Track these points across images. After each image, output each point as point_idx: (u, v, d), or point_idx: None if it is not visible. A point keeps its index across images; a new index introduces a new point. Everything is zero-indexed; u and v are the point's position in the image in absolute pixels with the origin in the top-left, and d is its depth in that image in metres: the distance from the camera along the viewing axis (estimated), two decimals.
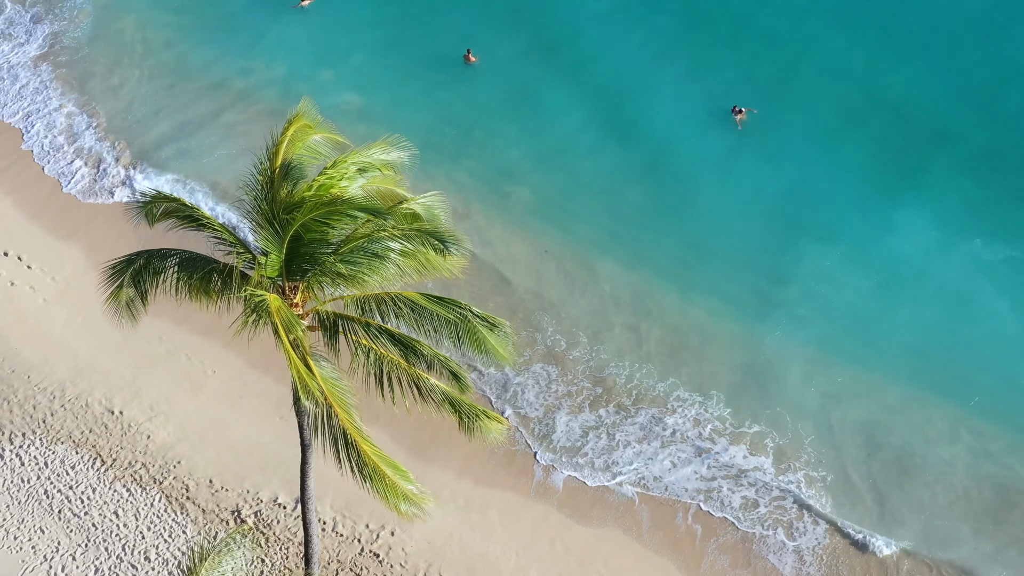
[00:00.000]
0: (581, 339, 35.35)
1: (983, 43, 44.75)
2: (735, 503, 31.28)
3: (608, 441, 32.75)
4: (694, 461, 32.21)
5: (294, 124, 21.20)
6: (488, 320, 20.22)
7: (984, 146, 40.77)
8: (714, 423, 33.09)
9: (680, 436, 32.84)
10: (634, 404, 33.61)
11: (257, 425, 33.05)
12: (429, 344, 20.60)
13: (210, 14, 48.06)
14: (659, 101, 43.19)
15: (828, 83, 43.48)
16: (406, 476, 20.14)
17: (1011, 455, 32.29)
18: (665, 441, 32.74)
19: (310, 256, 19.59)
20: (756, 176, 40.44)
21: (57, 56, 46.58)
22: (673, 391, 33.92)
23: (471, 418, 20.87)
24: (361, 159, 20.81)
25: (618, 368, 34.53)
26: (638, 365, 34.61)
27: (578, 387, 34.13)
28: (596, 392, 33.96)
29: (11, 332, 35.22)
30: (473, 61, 44.00)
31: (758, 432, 32.88)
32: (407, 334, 20.54)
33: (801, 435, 32.77)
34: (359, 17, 47.47)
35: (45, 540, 29.97)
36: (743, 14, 46.65)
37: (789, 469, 32.01)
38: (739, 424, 33.12)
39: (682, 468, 32.06)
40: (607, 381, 34.20)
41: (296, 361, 18.84)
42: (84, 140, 42.80)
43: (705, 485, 31.72)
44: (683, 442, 32.68)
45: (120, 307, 20.79)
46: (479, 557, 29.95)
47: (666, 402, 33.60)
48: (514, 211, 39.62)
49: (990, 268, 36.84)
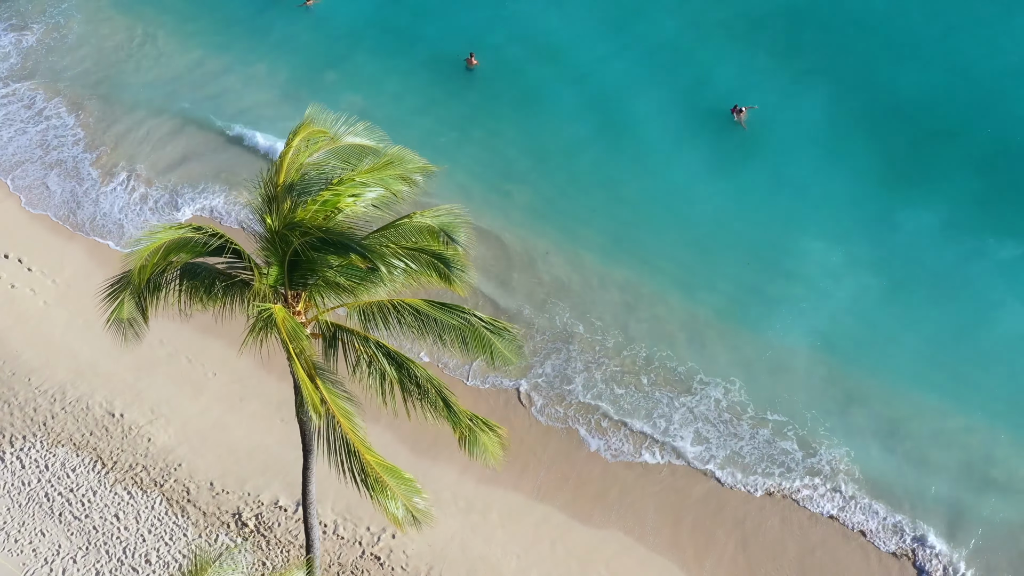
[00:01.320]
0: (583, 338, 35.47)
1: (987, 39, 44.79)
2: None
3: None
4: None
5: (299, 134, 20.74)
6: (494, 324, 20.11)
7: (995, 143, 40.75)
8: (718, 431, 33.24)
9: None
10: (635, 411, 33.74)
11: (258, 428, 33.05)
12: (433, 346, 20.45)
13: (214, 15, 48.11)
14: (659, 103, 43.21)
15: (833, 80, 43.51)
16: (411, 486, 20.07)
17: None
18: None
19: (310, 269, 19.47)
20: (761, 173, 40.47)
21: (58, 56, 46.58)
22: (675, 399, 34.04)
23: (469, 432, 20.66)
24: (371, 179, 20.18)
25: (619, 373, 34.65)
26: (640, 369, 34.70)
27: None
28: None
29: (12, 335, 35.21)
30: (475, 64, 44.03)
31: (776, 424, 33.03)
32: (402, 352, 20.37)
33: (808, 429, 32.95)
34: (363, 19, 47.53)
35: (46, 543, 29.97)
36: (743, 14, 46.65)
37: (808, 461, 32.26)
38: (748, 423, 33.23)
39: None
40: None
41: (304, 378, 18.69)
42: (85, 144, 42.80)
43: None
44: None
45: (123, 325, 20.48)
46: (480, 560, 29.95)
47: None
48: (514, 210, 39.63)
49: (1003, 266, 36.94)
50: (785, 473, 32.03)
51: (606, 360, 34.86)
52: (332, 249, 18.80)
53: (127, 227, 39.33)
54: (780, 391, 33.95)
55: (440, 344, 20.21)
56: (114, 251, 38.30)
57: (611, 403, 33.81)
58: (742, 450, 32.57)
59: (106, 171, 41.60)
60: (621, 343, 35.30)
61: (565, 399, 33.90)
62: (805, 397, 33.80)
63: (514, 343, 20.36)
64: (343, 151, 21.38)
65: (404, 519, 20.18)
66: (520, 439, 32.75)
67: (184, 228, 19.85)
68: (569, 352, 35.05)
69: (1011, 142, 40.76)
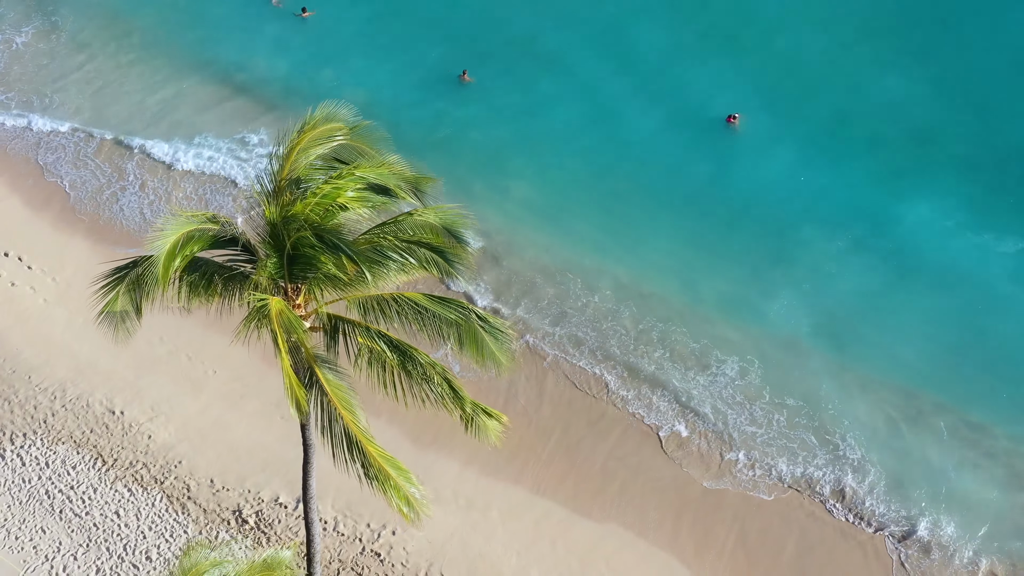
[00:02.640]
0: (585, 337, 35.57)
1: (987, 39, 44.97)
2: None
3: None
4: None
5: (307, 132, 20.47)
6: (490, 322, 20.10)
7: (992, 140, 40.98)
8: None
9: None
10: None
11: (258, 425, 33.07)
12: (433, 343, 20.50)
13: (207, 26, 48.15)
14: (658, 104, 43.45)
15: (830, 83, 43.69)
16: (409, 478, 20.08)
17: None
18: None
19: (309, 262, 19.47)
20: (755, 174, 40.64)
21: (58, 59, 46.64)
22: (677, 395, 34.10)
23: (471, 415, 20.73)
24: (370, 175, 20.08)
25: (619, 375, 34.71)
26: (641, 373, 34.79)
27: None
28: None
29: (12, 333, 35.23)
30: (468, 81, 44.32)
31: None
32: (405, 340, 20.37)
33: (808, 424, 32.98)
34: (357, 31, 47.64)
35: (46, 540, 29.98)
36: (743, 16, 46.81)
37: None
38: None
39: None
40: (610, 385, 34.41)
41: (289, 371, 18.69)
42: (91, 143, 42.95)
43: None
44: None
45: (116, 319, 20.37)
46: (480, 557, 29.97)
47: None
48: (515, 209, 39.70)
49: (1003, 260, 37.11)
50: (785, 471, 32.06)
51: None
52: (323, 249, 18.78)
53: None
54: (778, 389, 34.03)
55: (439, 338, 20.21)
56: (113, 250, 38.30)
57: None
58: (741, 449, 32.63)
59: (118, 167, 41.88)
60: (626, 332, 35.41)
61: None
62: (804, 394, 33.89)
63: (507, 345, 20.31)
64: (347, 150, 21.28)
65: (407, 510, 20.18)
66: (519, 437, 32.79)
67: (199, 218, 19.86)
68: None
69: (1015, 139, 40.98)
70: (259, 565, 21.32)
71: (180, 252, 19.45)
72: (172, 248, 19.24)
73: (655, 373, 34.60)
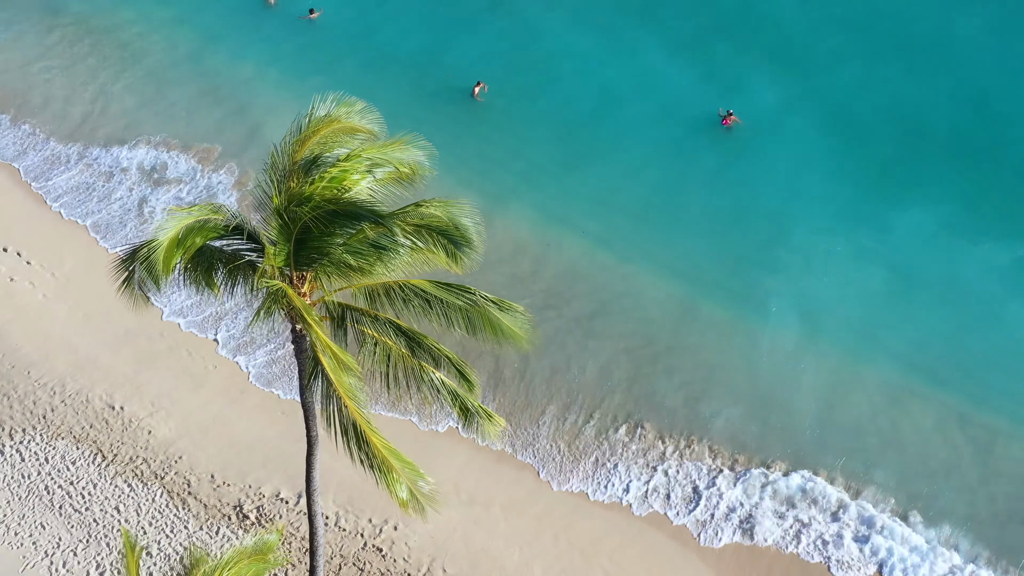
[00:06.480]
0: (582, 338, 35.43)
1: (987, 43, 44.93)
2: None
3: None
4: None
5: (324, 127, 20.21)
6: (501, 303, 19.96)
7: (990, 146, 40.88)
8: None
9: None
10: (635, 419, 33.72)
11: (259, 421, 32.94)
12: (441, 330, 20.33)
13: (211, 30, 48.00)
14: (658, 105, 43.36)
15: (830, 84, 43.69)
16: (415, 470, 19.96)
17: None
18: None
19: (318, 247, 19.37)
20: (749, 180, 40.51)
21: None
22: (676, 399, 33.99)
23: (475, 416, 20.60)
24: (377, 155, 20.03)
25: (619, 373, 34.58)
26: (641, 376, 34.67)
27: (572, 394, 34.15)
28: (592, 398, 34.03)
29: (11, 328, 35.07)
30: (479, 99, 43.73)
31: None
32: (414, 327, 20.24)
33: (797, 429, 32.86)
34: (362, 35, 47.39)
35: (46, 536, 29.81)
36: (740, 18, 46.81)
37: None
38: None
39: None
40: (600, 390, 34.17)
41: (323, 338, 18.48)
42: (89, 143, 42.86)
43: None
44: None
45: (133, 294, 20.18)
46: (483, 552, 29.84)
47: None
48: (515, 209, 39.62)
49: (1001, 269, 36.95)
50: (783, 471, 32.06)
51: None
52: (343, 220, 18.64)
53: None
54: (777, 395, 33.91)
55: (447, 325, 20.07)
56: (113, 246, 38.15)
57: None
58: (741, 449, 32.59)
59: (118, 168, 41.72)
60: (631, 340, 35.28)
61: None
62: (802, 402, 33.70)
63: (524, 321, 20.16)
64: (354, 138, 21.08)
65: (410, 503, 20.05)
66: (522, 431, 32.75)
67: (203, 210, 19.69)
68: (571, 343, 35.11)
69: (1013, 145, 40.90)
70: (249, 550, 21.17)
71: (183, 244, 19.31)
72: (174, 239, 19.08)
73: (655, 373, 34.47)
